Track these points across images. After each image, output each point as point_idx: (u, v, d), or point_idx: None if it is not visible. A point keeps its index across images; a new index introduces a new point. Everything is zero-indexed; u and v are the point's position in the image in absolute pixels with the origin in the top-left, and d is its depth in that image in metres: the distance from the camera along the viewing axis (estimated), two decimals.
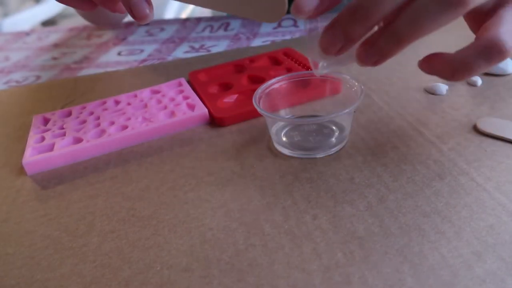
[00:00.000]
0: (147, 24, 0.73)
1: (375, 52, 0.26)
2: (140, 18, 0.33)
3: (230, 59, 0.50)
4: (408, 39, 0.25)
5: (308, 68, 0.44)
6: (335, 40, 0.26)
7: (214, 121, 0.38)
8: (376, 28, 0.27)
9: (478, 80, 0.40)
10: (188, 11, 1.66)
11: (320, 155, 0.32)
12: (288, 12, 0.28)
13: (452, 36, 0.51)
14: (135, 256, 0.25)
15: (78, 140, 0.36)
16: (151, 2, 0.33)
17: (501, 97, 0.37)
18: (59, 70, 0.57)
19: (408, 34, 0.24)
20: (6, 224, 0.29)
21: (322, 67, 0.31)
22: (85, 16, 0.74)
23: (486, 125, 0.33)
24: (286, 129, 0.35)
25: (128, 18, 0.73)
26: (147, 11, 0.33)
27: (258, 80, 0.44)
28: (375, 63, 0.27)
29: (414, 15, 0.24)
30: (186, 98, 0.41)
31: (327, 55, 0.27)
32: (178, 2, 0.36)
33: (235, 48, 0.58)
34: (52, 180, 0.34)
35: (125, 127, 0.38)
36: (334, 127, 0.34)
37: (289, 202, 0.28)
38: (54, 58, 0.63)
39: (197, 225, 0.27)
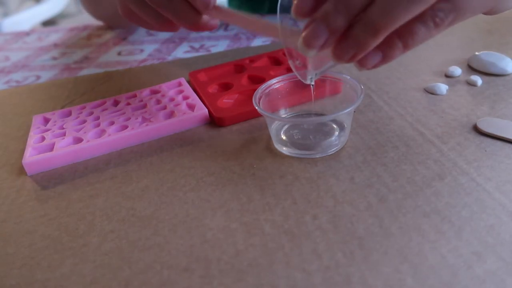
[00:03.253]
0: None
1: (351, 45, 0.25)
2: (203, 6, 0.34)
3: (230, 59, 0.50)
4: (384, 28, 0.24)
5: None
6: (318, 33, 0.25)
7: (214, 121, 0.38)
8: None
9: (478, 80, 0.40)
10: None
11: (320, 154, 0.32)
12: (289, 12, 0.28)
13: (454, 37, 0.51)
14: (135, 256, 0.25)
15: (78, 140, 0.36)
16: None
17: (501, 97, 0.37)
18: (59, 70, 0.57)
19: (382, 23, 0.24)
20: (6, 224, 0.29)
21: (309, 74, 0.31)
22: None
23: (486, 125, 0.33)
24: (286, 127, 0.35)
25: None
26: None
27: (258, 80, 0.44)
28: (352, 57, 0.25)
29: (387, 2, 0.23)
30: (186, 98, 0.41)
31: (309, 50, 0.26)
32: None
33: (235, 48, 0.58)
34: (52, 180, 0.34)
35: (125, 127, 0.38)
36: (334, 126, 0.34)
37: (289, 202, 0.28)
38: (54, 58, 0.63)
39: (197, 225, 0.27)
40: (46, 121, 0.41)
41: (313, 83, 0.33)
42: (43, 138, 0.37)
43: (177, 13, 0.36)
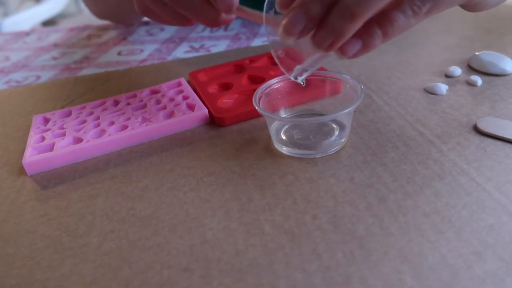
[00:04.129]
0: (146, 24, 0.73)
1: (329, 32, 0.25)
2: (226, 8, 0.34)
3: (230, 59, 0.50)
4: (359, 14, 0.24)
5: None
6: (296, 21, 0.26)
7: (214, 121, 0.38)
8: None
9: (478, 80, 0.40)
10: None
11: (320, 154, 0.32)
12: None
13: (454, 37, 0.51)
14: (135, 256, 0.25)
15: (78, 140, 0.36)
16: None
17: (501, 97, 0.37)
18: (59, 70, 0.57)
19: (358, 9, 0.24)
20: (6, 224, 0.29)
21: (297, 71, 0.31)
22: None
23: (486, 125, 0.33)
24: (286, 127, 0.35)
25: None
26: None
27: (258, 80, 0.44)
28: (331, 45, 0.26)
29: None
30: (186, 98, 0.41)
31: (288, 37, 0.27)
32: None
33: (235, 48, 0.58)
34: (52, 180, 0.34)
35: (125, 127, 0.38)
36: (334, 126, 0.34)
37: (289, 202, 0.28)
38: (54, 58, 0.63)
39: (197, 225, 0.27)
40: (46, 121, 0.41)
41: (303, 81, 0.33)
42: (43, 138, 0.37)
43: (197, 12, 0.37)
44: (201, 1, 0.36)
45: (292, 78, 0.32)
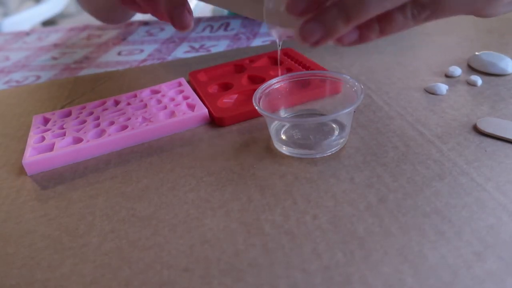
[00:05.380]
0: (146, 24, 0.73)
1: (320, 28, 0.25)
2: (181, 27, 0.33)
3: (230, 59, 0.50)
4: (355, 18, 0.24)
5: (308, 68, 0.44)
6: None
7: (214, 121, 0.38)
8: None
9: (478, 80, 0.40)
10: None
11: (320, 154, 0.32)
12: None
13: (454, 37, 0.51)
14: (135, 256, 0.25)
15: (78, 140, 0.36)
16: (191, 11, 0.34)
17: (501, 97, 0.37)
18: (59, 70, 0.57)
19: (355, 12, 0.24)
20: (6, 224, 0.29)
21: (277, 32, 0.30)
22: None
23: (486, 125, 0.33)
24: (286, 127, 0.35)
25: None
26: (189, 21, 0.33)
27: (258, 80, 0.44)
28: (318, 41, 0.26)
29: None
30: (186, 98, 0.41)
31: (289, 14, 0.26)
32: None
33: (235, 48, 0.58)
34: (52, 180, 0.34)
35: (125, 127, 0.38)
36: (334, 126, 0.34)
37: (289, 202, 0.28)
38: (54, 58, 0.63)
39: (197, 225, 0.27)
40: (46, 121, 0.41)
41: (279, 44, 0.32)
42: (43, 138, 0.37)
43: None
44: None
45: (273, 34, 0.32)
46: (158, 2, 0.36)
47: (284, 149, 0.33)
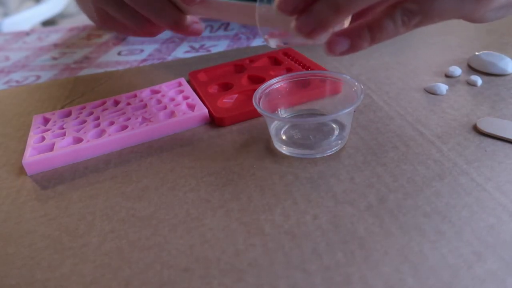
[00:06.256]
0: None
1: (312, 19, 0.26)
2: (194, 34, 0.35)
3: (230, 59, 0.50)
4: (345, 8, 0.25)
5: (308, 68, 0.44)
6: None
7: (214, 121, 0.38)
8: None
9: (478, 80, 0.40)
10: None
11: (320, 154, 0.32)
12: None
13: (454, 37, 0.51)
14: (135, 256, 0.25)
15: (78, 140, 0.36)
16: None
17: (501, 97, 0.37)
18: (59, 70, 0.57)
19: (345, 2, 0.25)
20: (6, 224, 0.29)
21: (272, 37, 0.30)
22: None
23: (486, 125, 0.33)
24: (286, 127, 0.35)
25: None
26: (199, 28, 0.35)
27: (258, 80, 0.44)
28: (311, 33, 0.26)
29: None
30: (186, 98, 0.41)
31: (280, 13, 0.26)
32: None
33: (235, 48, 0.58)
34: (52, 180, 0.34)
35: (125, 127, 0.38)
36: (334, 126, 0.34)
37: (289, 202, 0.28)
38: (54, 58, 0.63)
39: (197, 225, 0.27)
40: (46, 121, 0.41)
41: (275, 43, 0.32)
42: (43, 138, 0.37)
43: (158, 12, 0.35)
44: (162, 0, 0.35)
45: (268, 42, 0.32)
46: (155, 22, 0.36)
47: (284, 149, 0.33)
